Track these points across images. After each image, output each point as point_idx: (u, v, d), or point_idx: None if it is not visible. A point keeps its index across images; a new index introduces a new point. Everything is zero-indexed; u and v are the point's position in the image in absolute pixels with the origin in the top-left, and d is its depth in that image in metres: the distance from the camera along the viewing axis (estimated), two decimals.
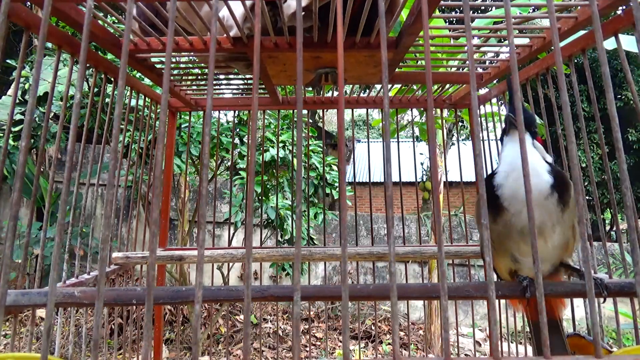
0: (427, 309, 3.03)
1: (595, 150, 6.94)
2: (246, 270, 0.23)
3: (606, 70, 0.28)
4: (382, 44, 0.26)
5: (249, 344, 0.23)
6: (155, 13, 0.72)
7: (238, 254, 1.17)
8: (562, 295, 0.41)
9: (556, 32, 0.28)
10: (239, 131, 2.93)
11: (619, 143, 0.27)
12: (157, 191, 0.26)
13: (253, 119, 0.25)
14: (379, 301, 2.20)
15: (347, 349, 0.22)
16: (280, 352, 3.33)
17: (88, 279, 0.92)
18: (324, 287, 0.38)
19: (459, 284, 0.38)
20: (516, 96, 0.30)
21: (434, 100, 1.35)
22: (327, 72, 0.91)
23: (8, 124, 0.60)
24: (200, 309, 0.22)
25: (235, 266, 3.93)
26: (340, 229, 0.25)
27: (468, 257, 1.21)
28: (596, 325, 0.25)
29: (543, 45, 0.89)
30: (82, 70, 0.32)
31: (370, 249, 1.17)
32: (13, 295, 0.45)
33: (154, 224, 0.25)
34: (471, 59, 0.28)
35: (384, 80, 0.26)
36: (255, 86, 0.28)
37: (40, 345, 0.76)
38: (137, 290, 0.43)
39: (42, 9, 0.32)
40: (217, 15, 0.29)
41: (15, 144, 3.11)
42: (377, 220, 4.48)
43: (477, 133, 0.34)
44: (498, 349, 0.24)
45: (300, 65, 0.26)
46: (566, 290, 0.46)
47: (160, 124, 0.25)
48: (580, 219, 0.27)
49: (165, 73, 0.28)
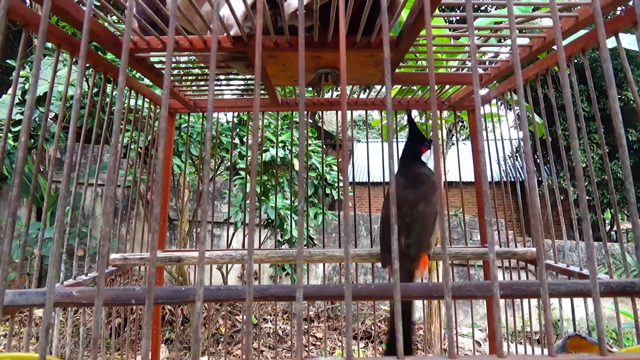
0: (427, 309, 3.02)
1: (596, 150, 6.96)
2: (247, 269, 0.23)
3: (609, 67, 0.28)
4: (385, 38, 0.26)
5: (250, 342, 0.23)
6: (155, 11, 0.72)
7: (237, 255, 1.17)
8: (564, 295, 0.41)
9: (559, 29, 0.28)
10: (239, 131, 2.92)
11: (622, 139, 0.27)
12: (158, 187, 0.25)
13: (255, 118, 0.24)
14: (379, 301, 2.20)
15: (350, 346, 0.22)
16: (280, 352, 3.33)
17: (86, 280, 0.92)
18: (325, 286, 0.38)
19: (461, 284, 0.38)
20: (520, 93, 0.30)
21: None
22: (328, 72, 0.91)
23: (7, 123, 0.59)
24: (201, 307, 0.21)
25: (235, 266, 3.92)
26: (343, 227, 0.25)
27: (468, 258, 1.21)
28: (600, 324, 0.25)
29: (543, 45, 0.89)
30: (82, 65, 0.32)
31: (369, 250, 1.17)
32: (10, 295, 0.45)
33: (155, 220, 0.24)
34: (474, 55, 0.28)
35: (387, 77, 0.26)
36: (257, 84, 0.28)
37: (39, 345, 0.76)
38: (136, 289, 0.43)
39: (42, 6, 0.32)
40: (218, 11, 0.29)
41: (15, 144, 3.10)
42: (377, 221, 4.47)
43: (479, 130, 0.33)
44: (502, 347, 0.24)
45: (302, 62, 0.26)
46: (568, 290, 0.46)
47: (160, 119, 0.25)
48: (584, 216, 0.27)
49: (167, 69, 0.27)
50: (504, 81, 1.19)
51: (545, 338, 1.63)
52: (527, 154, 0.26)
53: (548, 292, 0.27)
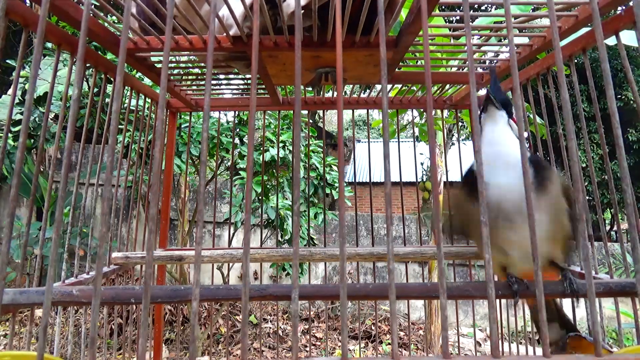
0: (427, 309, 3.03)
1: (596, 150, 6.95)
2: (244, 269, 0.23)
3: (606, 67, 0.28)
4: (381, 39, 0.26)
5: (246, 342, 0.23)
6: (155, 12, 0.72)
7: (238, 254, 1.17)
8: (558, 295, 0.41)
9: (556, 30, 0.28)
10: (239, 131, 2.93)
11: (619, 140, 0.27)
12: (155, 188, 0.25)
13: (250, 117, 0.24)
14: (379, 301, 2.19)
15: (345, 346, 0.22)
16: (280, 352, 3.33)
17: (87, 279, 0.92)
18: (323, 286, 0.38)
19: (458, 284, 0.38)
20: (516, 94, 0.30)
21: (434, 101, 1.35)
22: (327, 71, 0.91)
23: (7, 124, 0.59)
24: (197, 306, 0.22)
25: (235, 266, 3.92)
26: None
27: (468, 257, 1.21)
28: (596, 324, 0.25)
29: (543, 45, 0.89)
30: (80, 66, 0.32)
31: (370, 250, 1.17)
32: (11, 294, 0.45)
33: (152, 220, 0.24)
34: (470, 55, 0.28)
35: (383, 77, 0.26)
36: (254, 83, 0.28)
37: (37, 344, 0.77)
38: (136, 288, 0.43)
39: (41, 6, 0.32)
40: (216, 11, 0.29)
41: (15, 144, 3.11)
42: (377, 220, 4.47)
43: (476, 130, 0.33)
44: (498, 347, 0.24)
45: (298, 62, 0.26)
46: (552, 290, 0.46)
47: (157, 121, 0.25)
48: (580, 217, 0.27)
49: (163, 68, 0.27)
50: (504, 80, 1.19)
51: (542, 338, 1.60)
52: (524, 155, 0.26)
53: (543, 292, 0.27)
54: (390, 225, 0.24)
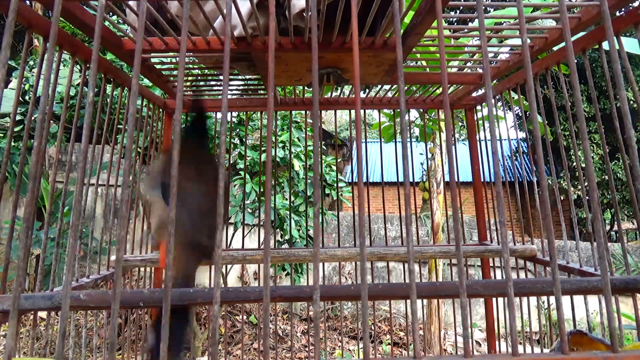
0: (426, 309, 3.03)
1: (596, 151, 6.99)
2: (265, 270, 0.23)
3: (617, 68, 0.28)
4: (397, 40, 0.26)
5: (268, 344, 0.23)
6: (157, 9, 0.72)
7: (238, 255, 1.17)
8: (573, 292, 0.41)
9: (568, 29, 0.28)
10: (239, 131, 2.92)
11: (632, 141, 0.27)
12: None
13: (269, 119, 0.25)
14: (379, 301, 2.18)
15: (367, 347, 0.22)
16: (280, 352, 3.33)
17: (88, 283, 0.92)
18: (341, 287, 0.38)
19: (468, 283, 0.38)
20: (530, 94, 0.30)
21: (432, 102, 1.36)
22: (329, 72, 0.91)
23: (11, 125, 0.59)
24: (218, 310, 0.22)
25: (235, 267, 3.92)
26: (359, 227, 0.25)
27: (468, 256, 1.22)
28: (613, 321, 0.25)
29: (544, 45, 0.89)
30: (94, 69, 0.32)
31: (371, 250, 1.17)
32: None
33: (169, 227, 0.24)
34: (485, 55, 0.28)
35: (400, 79, 0.26)
36: (270, 84, 0.28)
37: (41, 347, 0.76)
38: (145, 292, 0.43)
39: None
40: (230, 11, 0.29)
41: (15, 144, 3.09)
42: (377, 220, 4.48)
43: (492, 131, 0.33)
44: (517, 346, 0.24)
45: (315, 65, 0.26)
46: (572, 287, 0.46)
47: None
48: (595, 216, 0.27)
49: (180, 70, 0.27)
50: (503, 80, 1.19)
51: (546, 337, 1.63)
52: (539, 155, 0.27)
53: (551, 289, 0.28)
54: (410, 225, 0.25)
